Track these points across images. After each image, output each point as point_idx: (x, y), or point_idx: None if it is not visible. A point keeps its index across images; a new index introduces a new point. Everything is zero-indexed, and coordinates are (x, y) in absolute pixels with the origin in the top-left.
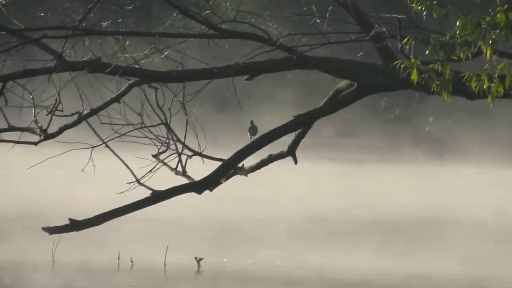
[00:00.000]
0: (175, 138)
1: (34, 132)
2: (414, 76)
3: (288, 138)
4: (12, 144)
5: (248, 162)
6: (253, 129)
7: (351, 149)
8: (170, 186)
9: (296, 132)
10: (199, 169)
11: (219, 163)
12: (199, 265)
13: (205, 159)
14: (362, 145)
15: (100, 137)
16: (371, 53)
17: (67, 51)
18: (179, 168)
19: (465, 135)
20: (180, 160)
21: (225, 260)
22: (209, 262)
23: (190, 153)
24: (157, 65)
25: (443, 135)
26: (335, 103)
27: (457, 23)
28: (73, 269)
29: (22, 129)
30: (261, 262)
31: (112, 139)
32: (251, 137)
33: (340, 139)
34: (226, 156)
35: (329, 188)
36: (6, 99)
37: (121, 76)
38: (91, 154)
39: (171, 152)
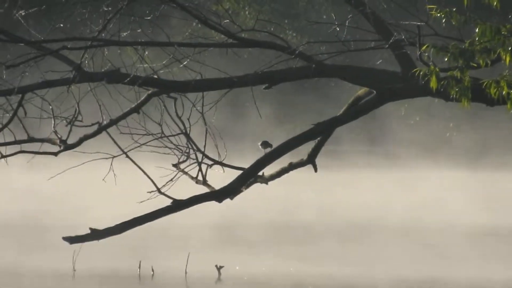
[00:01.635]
0: (195, 148)
1: (54, 143)
2: (433, 83)
3: (308, 146)
4: (32, 154)
5: (268, 170)
6: (265, 144)
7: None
8: (191, 195)
9: (316, 140)
10: (220, 177)
11: (239, 171)
12: (219, 273)
13: (225, 168)
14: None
15: (120, 147)
16: (390, 61)
17: (86, 62)
18: (200, 177)
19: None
20: (200, 169)
21: (245, 268)
22: (230, 270)
23: (210, 162)
24: (176, 75)
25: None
26: (355, 111)
27: (476, 30)
28: (94, 279)
29: (42, 140)
30: (281, 269)
31: (132, 149)
32: (264, 150)
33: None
34: (246, 164)
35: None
36: (25, 111)
37: (140, 87)
38: (111, 164)
39: (191, 161)
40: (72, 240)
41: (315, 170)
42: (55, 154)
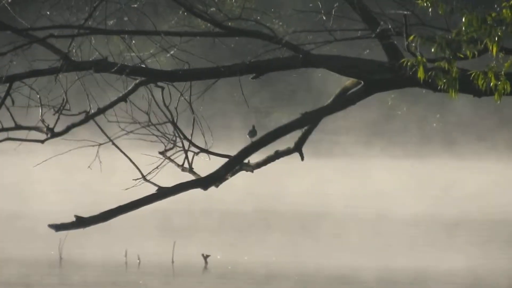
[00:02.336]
0: (181, 136)
1: (41, 131)
2: (420, 74)
3: (295, 135)
4: (18, 142)
5: (254, 158)
6: (253, 132)
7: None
8: (177, 183)
9: (303, 129)
10: (206, 165)
11: (226, 159)
12: (206, 262)
13: (211, 156)
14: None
15: (106, 135)
16: (377, 51)
17: (73, 50)
18: (186, 165)
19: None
20: (186, 157)
21: (232, 256)
22: (216, 259)
23: (196, 150)
24: (163, 64)
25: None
26: (343, 101)
27: (463, 20)
28: (80, 267)
29: (29, 128)
30: (268, 258)
31: (119, 136)
32: (251, 139)
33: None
34: (232, 153)
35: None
36: (13, 99)
37: (127, 76)
38: (97, 152)
39: (178, 149)
40: (57, 227)
41: (302, 159)
42: (42, 141)
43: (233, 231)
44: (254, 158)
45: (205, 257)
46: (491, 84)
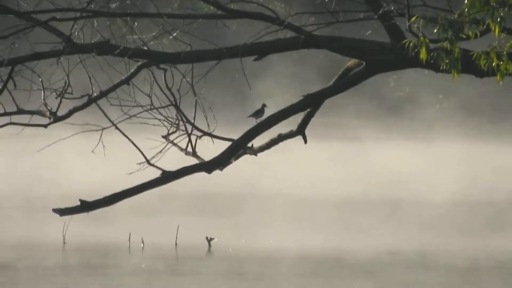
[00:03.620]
0: (184, 119)
1: (43, 115)
2: (423, 55)
3: (298, 118)
4: (22, 126)
5: (258, 141)
6: (260, 112)
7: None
8: (180, 167)
9: (306, 111)
10: (209, 149)
11: (229, 143)
12: (210, 245)
13: (214, 139)
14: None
15: (109, 119)
16: (379, 32)
17: (76, 33)
18: (189, 149)
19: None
20: (190, 141)
21: (236, 240)
22: (220, 242)
23: (199, 134)
24: (165, 46)
25: None
26: (344, 82)
27: (466, 1)
28: (84, 250)
29: (31, 112)
30: (271, 242)
31: (122, 120)
32: (256, 120)
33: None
34: (235, 136)
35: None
36: (15, 83)
37: (130, 58)
38: (101, 136)
39: (181, 132)
40: (62, 212)
41: (305, 142)
42: (45, 126)
43: (237, 214)
44: (257, 142)
45: (209, 240)
46: (493, 64)
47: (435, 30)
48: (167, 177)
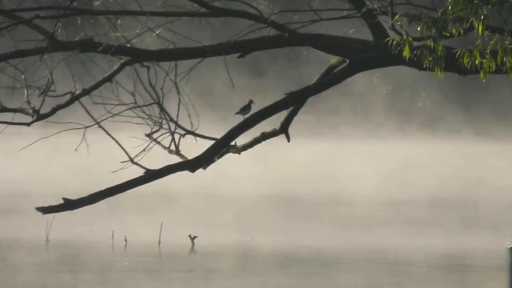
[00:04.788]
0: (168, 117)
1: (26, 113)
2: (406, 53)
3: (281, 116)
4: (4, 125)
5: (241, 140)
6: (246, 109)
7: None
8: (164, 165)
9: (289, 110)
10: (192, 147)
11: (212, 141)
12: (193, 243)
13: (198, 138)
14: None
15: (93, 117)
16: (363, 30)
17: (59, 31)
18: (172, 147)
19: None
20: (173, 139)
21: (218, 238)
22: (203, 240)
23: (183, 132)
24: (148, 44)
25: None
26: (328, 80)
27: None
28: (67, 248)
29: (14, 110)
30: (254, 240)
31: (105, 119)
32: (243, 116)
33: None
34: (218, 134)
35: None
36: None
37: (113, 55)
38: (84, 134)
39: (164, 131)
40: (45, 210)
41: (288, 140)
42: (28, 124)
43: (220, 213)
44: (240, 140)
45: (192, 238)
46: (477, 62)
47: (419, 28)
48: (151, 175)
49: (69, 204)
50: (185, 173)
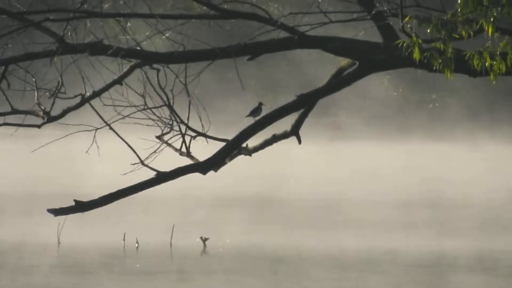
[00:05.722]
0: (178, 119)
1: (37, 115)
2: (416, 55)
3: (292, 118)
4: (15, 127)
5: (252, 142)
6: (257, 111)
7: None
8: (175, 167)
9: (299, 112)
10: (203, 149)
11: (223, 143)
12: (204, 245)
13: (209, 140)
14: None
15: (103, 119)
16: (372, 32)
17: (69, 33)
18: (183, 149)
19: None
20: (184, 141)
21: (230, 239)
22: (215, 242)
23: (193, 134)
24: (158, 46)
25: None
26: (338, 82)
27: (459, 1)
28: (79, 251)
29: (25, 112)
30: (266, 241)
31: (116, 121)
32: (254, 118)
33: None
34: (229, 136)
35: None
36: (9, 83)
37: (122, 58)
38: (94, 136)
39: (175, 133)
40: (56, 212)
41: (299, 142)
42: (39, 126)
43: (232, 214)
44: (251, 142)
45: (204, 240)
46: (486, 64)
47: (428, 30)
48: (162, 177)
49: (80, 206)
50: (196, 175)
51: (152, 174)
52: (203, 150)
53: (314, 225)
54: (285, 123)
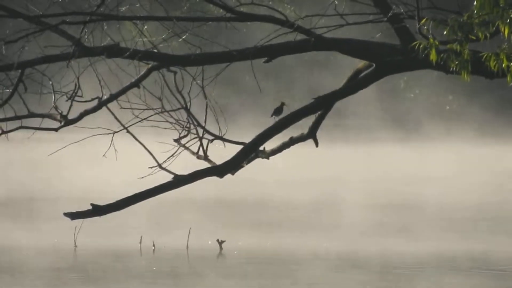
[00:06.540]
0: (195, 122)
1: (54, 118)
2: (433, 56)
3: (309, 121)
4: (33, 130)
5: (269, 145)
6: (279, 110)
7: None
8: (192, 170)
9: (316, 114)
10: (221, 152)
11: (240, 146)
12: (221, 248)
13: (226, 143)
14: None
15: (120, 122)
16: (389, 34)
17: (86, 36)
18: (201, 152)
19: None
20: (201, 144)
21: (246, 242)
22: (231, 244)
23: (211, 137)
24: (175, 49)
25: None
26: (355, 84)
27: (475, 3)
28: (95, 254)
29: (42, 115)
30: (282, 245)
31: (133, 124)
32: (275, 119)
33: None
34: (247, 139)
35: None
36: (26, 86)
37: (139, 61)
38: (112, 139)
39: (192, 136)
40: (73, 216)
41: (316, 145)
42: (56, 129)
43: (249, 217)
44: (268, 145)
45: (220, 243)
46: (503, 65)
47: (445, 32)
48: (179, 181)
49: (97, 210)
50: (214, 178)
51: (169, 178)
52: (221, 153)
53: (330, 226)
54: (301, 126)
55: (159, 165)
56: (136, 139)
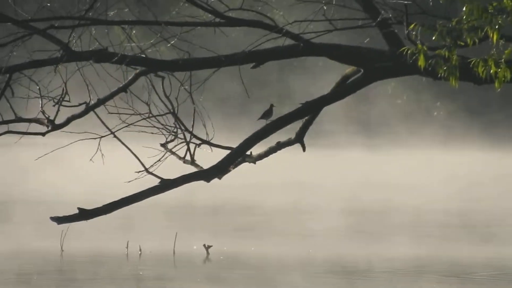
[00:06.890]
0: (182, 127)
1: (41, 123)
2: (421, 62)
3: (296, 126)
4: (19, 135)
5: (256, 149)
6: (269, 113)
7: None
8: (179, 175)
9: (304, 119)
10: (208, 157)
11: (228, 151)
12: (208, 253)
13: (213, 148)
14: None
15: (107, 127)
16: (377, 40)
17: (74, 41)
18: (188, 157)
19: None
20: (188, 149)
21: (233, 247)
22: (218, 249)
23: (198, 142)
24: (163, 54)
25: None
26: (343, 90)
27: (464, 9)
28: (82, 258)
29: (29, 120)
30: (269, 249)
31: (120, 129)
32: (266, 121)
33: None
34: (234, 144)
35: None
36: (13, 90)
37: (127, 66)
38: (99, 144)
39: (179, 141)
40: (60, 220)
41: (303, 150)
42: (43, 134)
43: (235, 222)
44: (255, 150)
45: (207, 248)
46: (491, 71)
47: (433, 38)
48: (166, 185)
49: (84, 214)
50: (200, 183)
51: (156, 182)
52: (208, 157)
53: (320, 231)
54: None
55: (146, 170)
56: (123, 144)
